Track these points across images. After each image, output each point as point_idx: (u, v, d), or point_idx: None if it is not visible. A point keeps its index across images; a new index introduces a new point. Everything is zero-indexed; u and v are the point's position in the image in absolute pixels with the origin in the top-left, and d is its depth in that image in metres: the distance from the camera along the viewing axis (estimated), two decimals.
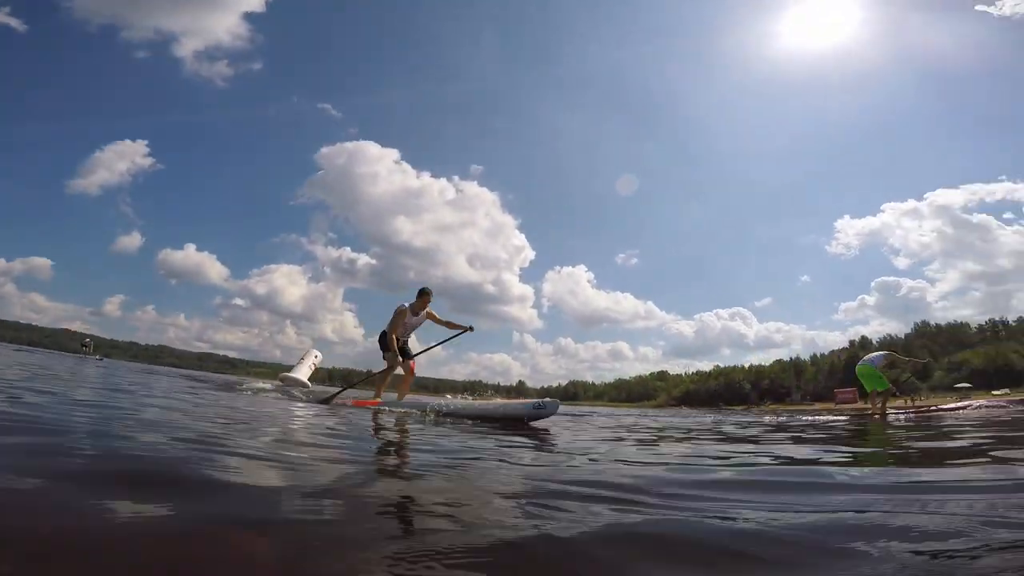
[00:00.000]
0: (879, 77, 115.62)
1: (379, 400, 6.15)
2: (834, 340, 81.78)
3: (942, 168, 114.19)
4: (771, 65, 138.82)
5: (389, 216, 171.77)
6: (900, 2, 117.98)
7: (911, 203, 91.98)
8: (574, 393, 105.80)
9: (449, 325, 6.38)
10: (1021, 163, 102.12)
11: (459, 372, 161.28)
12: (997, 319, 68.14)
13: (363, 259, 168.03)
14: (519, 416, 5.00)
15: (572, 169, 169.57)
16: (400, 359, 6.28)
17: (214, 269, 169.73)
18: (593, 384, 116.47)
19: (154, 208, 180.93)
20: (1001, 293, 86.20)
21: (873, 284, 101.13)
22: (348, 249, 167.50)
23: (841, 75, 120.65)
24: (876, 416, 8.49)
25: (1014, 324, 64.45)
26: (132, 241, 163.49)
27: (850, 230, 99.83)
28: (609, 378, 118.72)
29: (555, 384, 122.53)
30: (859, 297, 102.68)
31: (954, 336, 67.30)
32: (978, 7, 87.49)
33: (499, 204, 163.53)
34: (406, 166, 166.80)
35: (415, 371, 6.63)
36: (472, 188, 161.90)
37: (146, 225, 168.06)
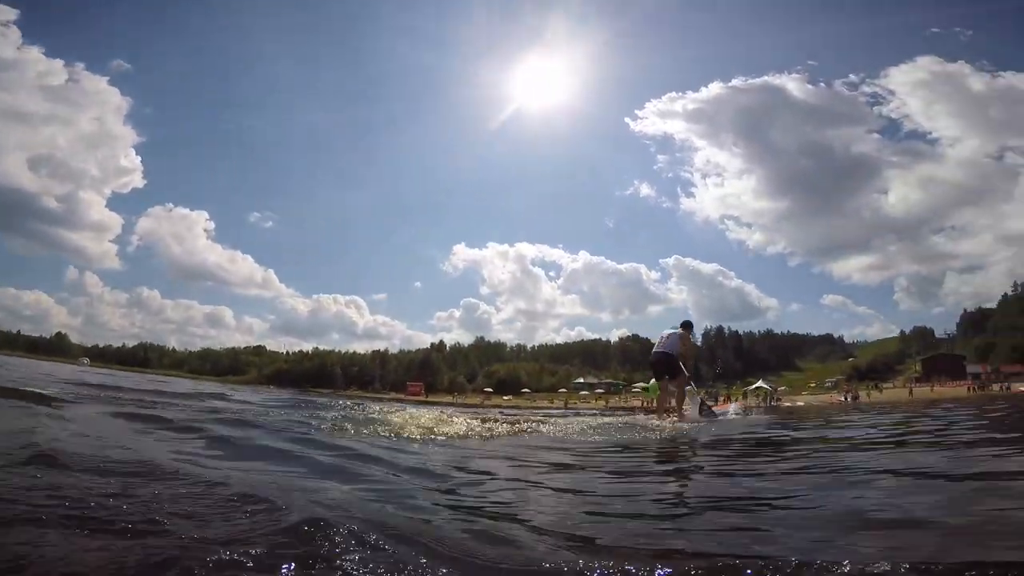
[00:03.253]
0: (545, 142, 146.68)
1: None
2: (424, 341, 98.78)
3: (534, 225, 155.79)
4: (477, 108, 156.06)
5: None
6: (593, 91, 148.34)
7: (505, 247, 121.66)
8: (144, 359, 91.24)
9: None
10: (573, 239, 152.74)
11: None
12: (523, 344, 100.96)
13: None
14: None
15: (246, 106, 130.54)
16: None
17: None
18: (174, 350, 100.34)
19: None
20: (531, 327, 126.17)
21: (461, 302, 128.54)
22: None
23: (516, 134, 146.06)
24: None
25: (531, 349, 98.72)
26: None
27: (461, 255, 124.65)
28: (199, 346, 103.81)
29: (119, 344, 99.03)
30: (450, 310, 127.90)
31: (496, 352, 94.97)
32: (625, 118, 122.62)
33: (124, 113, 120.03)
34: (15, 31, 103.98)
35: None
36: (96, 84, 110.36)
37: None
